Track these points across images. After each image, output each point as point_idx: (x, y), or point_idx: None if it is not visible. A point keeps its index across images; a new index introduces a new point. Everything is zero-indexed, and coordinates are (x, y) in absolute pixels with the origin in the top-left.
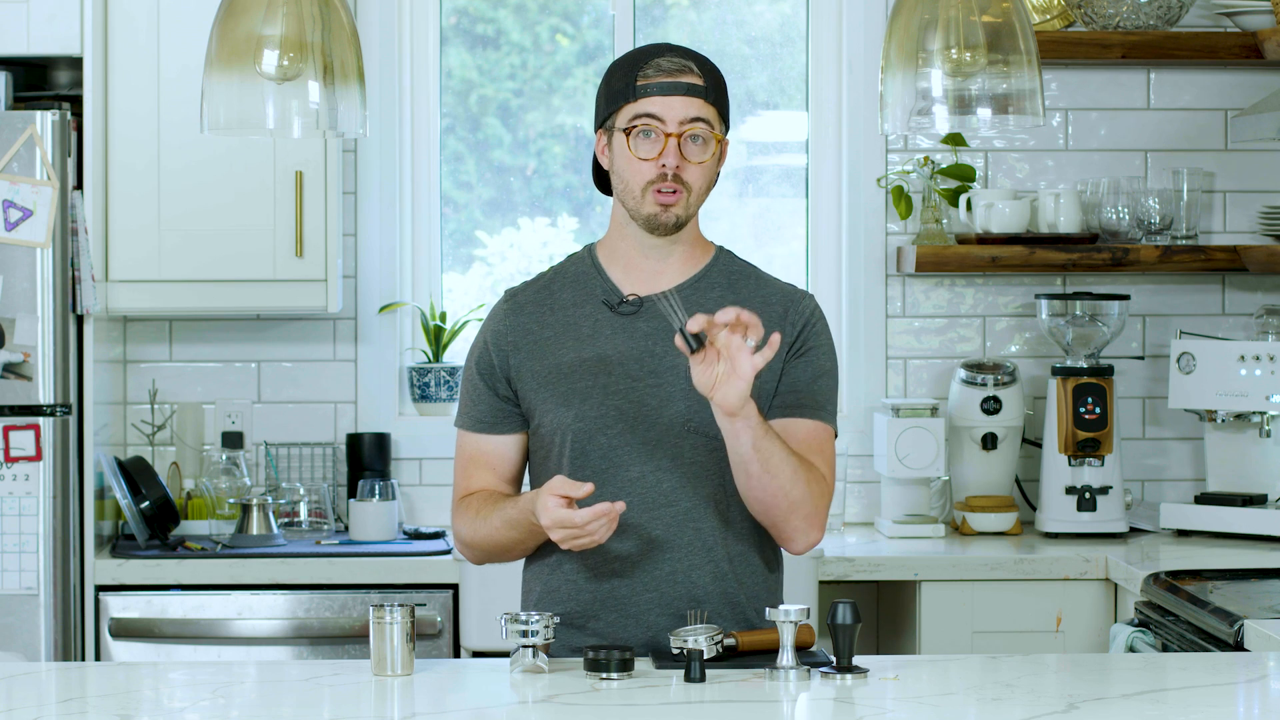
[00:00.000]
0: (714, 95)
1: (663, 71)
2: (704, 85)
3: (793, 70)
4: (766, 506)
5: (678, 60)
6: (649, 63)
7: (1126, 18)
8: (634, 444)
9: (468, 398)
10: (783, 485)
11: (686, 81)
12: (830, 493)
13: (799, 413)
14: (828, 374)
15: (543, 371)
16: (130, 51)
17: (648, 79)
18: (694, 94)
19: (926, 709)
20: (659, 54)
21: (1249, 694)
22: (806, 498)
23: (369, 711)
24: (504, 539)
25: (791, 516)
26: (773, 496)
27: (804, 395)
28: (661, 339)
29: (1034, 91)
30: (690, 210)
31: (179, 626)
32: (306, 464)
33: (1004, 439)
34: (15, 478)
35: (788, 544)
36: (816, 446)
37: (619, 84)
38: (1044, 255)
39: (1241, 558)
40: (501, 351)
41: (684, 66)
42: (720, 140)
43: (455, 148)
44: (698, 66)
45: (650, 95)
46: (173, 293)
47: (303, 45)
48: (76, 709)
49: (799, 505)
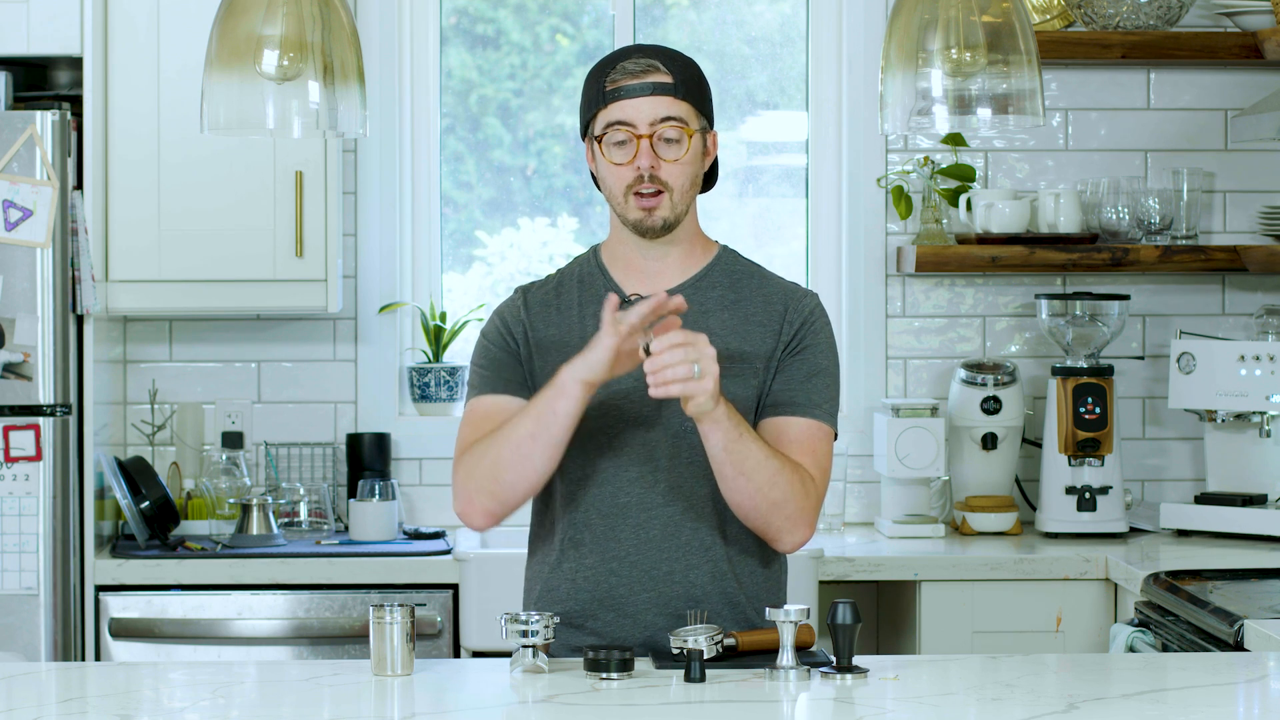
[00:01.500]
0: (684, 90)
1: (628, 74)
2: (672, 82)
3: (793, 70)
4: (745, 508)
5: (643, 61)
6: (615, 66)
7: (1126, 18)
8: (634, 443)
9: (487, 369)
10: (759, 487)
11: (652, 81)
12: (820, 493)
13: (790, 410)
14: (824, 372)
15: (548, 370)
16: (130, 51)
17: (615, 83)
18: (661, 92)
19: (926, 709)
20: (625, 56)
21: (1249, 694)
22: (788, 499)
23: (369, 711)
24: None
25: (773, 517)
26: (749, 498)
27: (796, 393)
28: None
29: (1034, 91)
30: (676, 210)
31: (179, 626)
32: (306, 464)
33: (1004, 439)
34: (15, 478)
35: (774, 543)
36: (808, 446)
37: (591, 91)
38: (1044, 255)
39: (1241, 558)
40: (513, 335)
41: (649, 66)
42: (694, 134)
43: (455, 148)
44: (665, 64)
45: (619, 99)
46: (173, 293)
47: (303, 45)
48: (76, 709)
49: (780, 506)
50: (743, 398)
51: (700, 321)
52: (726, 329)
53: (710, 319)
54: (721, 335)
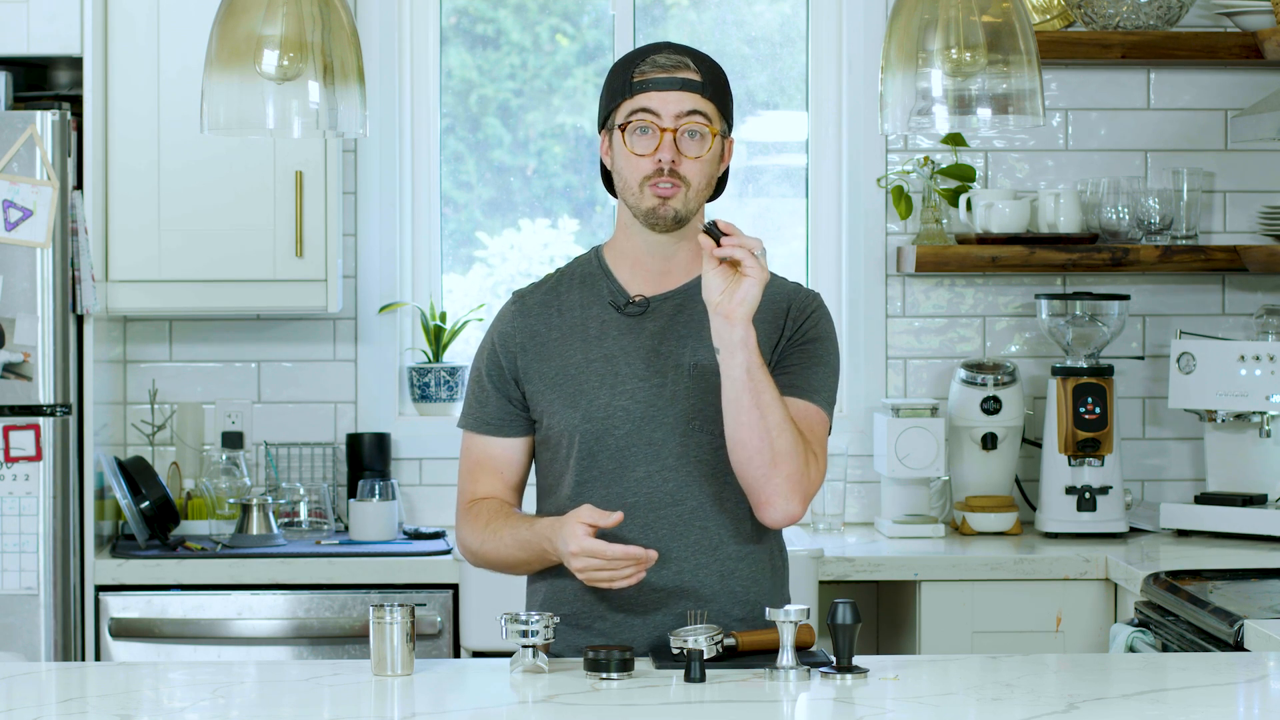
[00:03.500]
0: (711, 91)
1: (659, 67)
2: (700, 81)
3: (793, 70)
4: (751, 449)
5: (674, 57)
6: (645, 59)
7: (1126, 18)
8: (640, 444)
9: (475, 399)
10: (771, 426)
11: (682, 77)
12: (820, 471)
13: (791, 392)
14: (824, 364)
15: (550, 373)
16: (130, 51)
17: (644, 75)
18: (690, 89)
19: (926, 709)
20: (656, 51)
21: (1249, 694)
22: (793, 453)
23: (369, 711)
24: (512, 558)
25: (774, 472)
26: (760, 437)
27: (797, 377)
28: (668, 339)
29: (1034, 91)
30: (690, 205)
31: (179, 626)
32: (306, 464)
33: (1004, 439)
34: (15, 478)
35: (766, 508)
36: (806, 425)
37: (617, 82)
38: (1044, 255)
39: (1241, 558)
40: (509, 353)
41: (680, 63)
42: (717, 134)
43: (455, 148)
44: (695, 63)
45: (647, 91)
46: (173, 293)
47: (303, 45)
48: (76, 709)
49: (784, 458)
50: None
51: (707, 321)
52: None
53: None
54: None
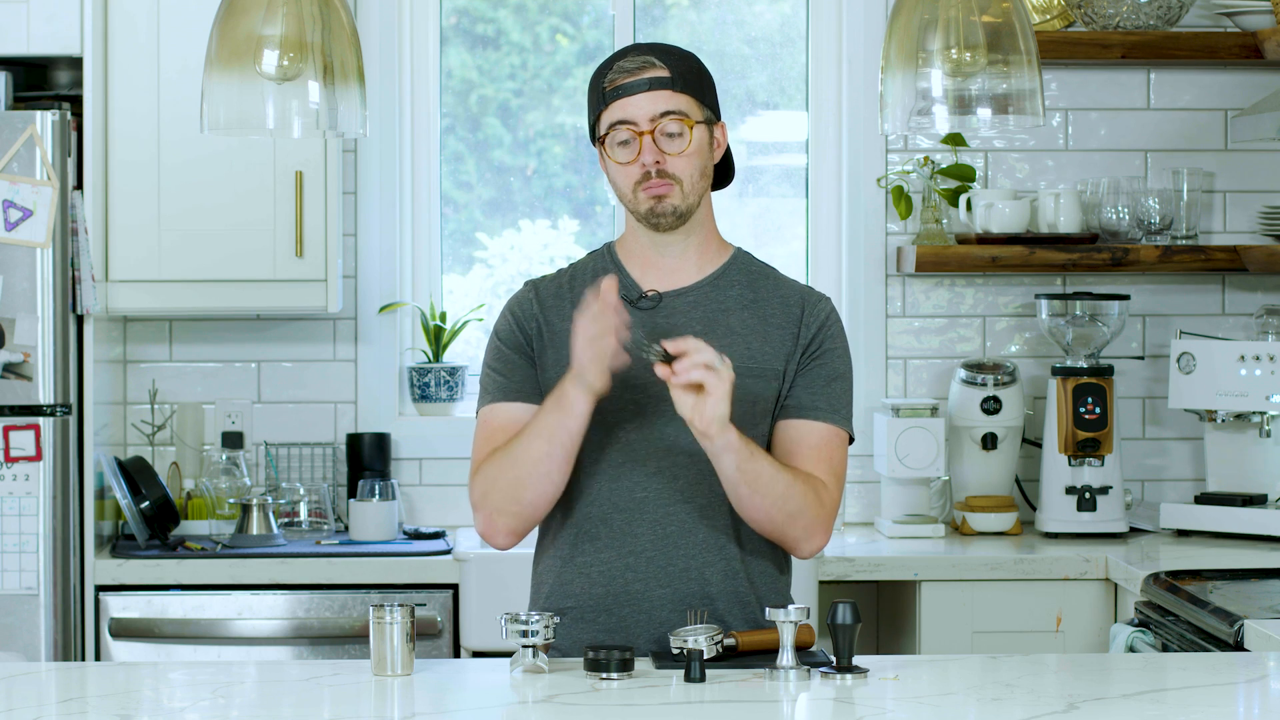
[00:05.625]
0: (683, 84)
1: (624, 72)
2: (669, 76)
3: (793, 70)
4: (761, 523)
5: (639, 58)
6: (614, 66)
7: (1126, 18)
8: (650, 438)
9: (499, 374)
10: (775, 501)
11: (649, 76)
12: (836, 500)
13: (811, 415)
14: (842, 377)
15: (561, 363)
16: (130, 51)
17: (613, 83)
18: (659, 87)
19: (926, 709)
20: (622, 55)
21: (1249, 694)
22: (803, 509)
23: (369, 711)
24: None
25: (789, 529)
26: (766, 513)
27: (817, 397)
28: (679, 334)
29: (1034, 91)
30: (688, 199)
31: (179, 626)
32: (306, 464)
33: (1004, 439)
34: (15, 478)
35: (792, 551)
36: (826, 453)
37: (592, 94)
38: (1044, 255)
39: (1241, 558)
40: (526, 333)
41: (646, 63)
42: (695, 125)
43: (455, 148)
44: (661, 59)
45: (620, 97)
46: (173, 292)
47: (303, 45)
48: (76, 709)
49: (796, 517)
50: (764, 398)
51: (721, 320)
52: (747, 328)
53: (731, 317)
54: (742, 334)
